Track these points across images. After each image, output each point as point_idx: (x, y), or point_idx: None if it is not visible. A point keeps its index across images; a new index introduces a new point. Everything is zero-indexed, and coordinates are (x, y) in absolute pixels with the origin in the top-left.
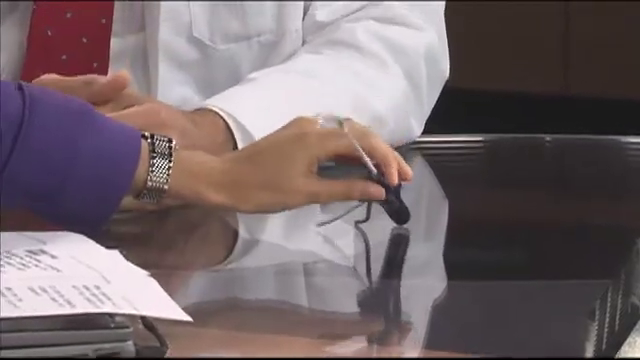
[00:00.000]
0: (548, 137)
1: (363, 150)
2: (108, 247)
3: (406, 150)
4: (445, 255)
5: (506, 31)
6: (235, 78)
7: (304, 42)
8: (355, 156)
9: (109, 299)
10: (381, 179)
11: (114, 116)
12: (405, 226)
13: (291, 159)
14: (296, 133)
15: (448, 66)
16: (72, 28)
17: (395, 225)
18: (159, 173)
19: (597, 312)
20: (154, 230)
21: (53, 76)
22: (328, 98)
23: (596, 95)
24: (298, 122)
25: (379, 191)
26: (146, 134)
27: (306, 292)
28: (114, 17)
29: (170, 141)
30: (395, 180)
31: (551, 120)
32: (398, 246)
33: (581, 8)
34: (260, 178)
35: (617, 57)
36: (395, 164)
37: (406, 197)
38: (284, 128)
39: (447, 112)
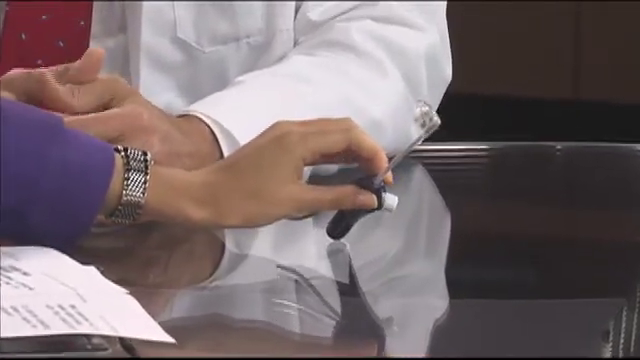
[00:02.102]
0: (558, 145)
1: (350, 144)
2: (84, 263)
3: (405, 159)
4: (447, 272)
5: (514, 33)
6: (223, 82)
7: (296, 43)
8: (342, 153)
9: (86, 319)
10: (372, 182)
11: (90, 118)
12: (405, 242)
13: (274, 164)
14: (276, 135)
15: (450, 68)
16: (48, 31)
17: (393, 241)
18: (134, 187)
19: (611, 332)
20: (134, 245)
21: (20, 71)
22: (322, 103)
23: (608, 100)
24: (278, 124)
25: (371, 199)
26: (119, 147)
27: (297, 312)
28: (93, 18)
29: (145, 154)
30: (384, 167)
31: (561, 126)
32: (397, 263)
33: (592, 11)
34: (243, 188)
35: (629, 61)
36: (384, 155)
37: (405, 210)
38: (263, 133)
39: (450, 118)
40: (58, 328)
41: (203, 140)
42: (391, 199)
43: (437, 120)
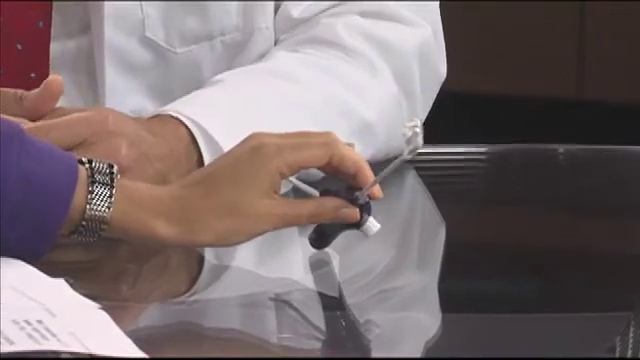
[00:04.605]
0: (561, 148)
1: (332, 159)
2: (53, 276)
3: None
4: (441, 285)
5: (514, 28)
6: (196, 84)
7: (276, 42)
8: (323, 168)
9: (54, 335)
10: (356, 197)
11: (52, 124)
12: (396, 252)
13: (249, 178)
14: (252, 147)
15: (445, 66)
16: (4, 34)
17: (383, 252)
18: (99, 201)
19: (617, 349)
20: (106, 256)
21: None
22: (308, 103)
23: (613, 100)
24: (254, 136)
25: (354, 213)
26: (84, 159)
27: (278, 327)
28: (53, 19)
29: (111, 167)
30: (369, 181)
31: (564, 127)
32: (387, 274)
33: (597, 10)
34: (216, 203)
35: (635, 60)
36: (369, 170)
37: (397, 218)
38: (238, 144)
39: (445, 119)
40: (24, 344)
41: (178, 141)
42: (372, 224)
43: (420, 143)
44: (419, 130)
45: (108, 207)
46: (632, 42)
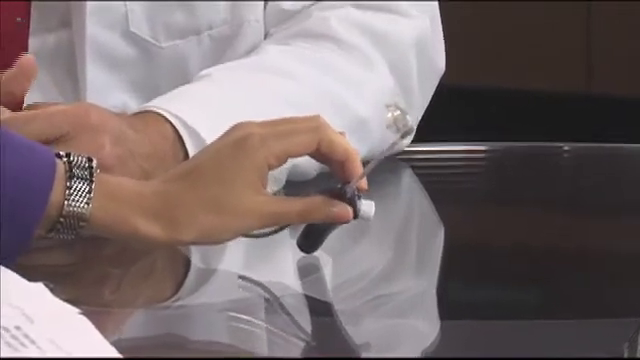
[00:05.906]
0: (566, 146)
1: (320, 145)
2: (32, 280)
3: (393, 162)
4: (439, 290)
5: (516, 20)
6: (183, 81)
7: (267, 36)
8: (312, 155)
9: (33, 342)
10: (344, 190)
11: (31, 114)
12: (391, 255)
13: (234, 171)
14: (236, 138)
15: (443, 59)
16: None
17: (377, 255)
18: (78, 197)
19: (626, 354)
20: (87, 259)
21: None
22: (300, 99)
23: (621, 95)
24: (238, 126)
25: (345, 210)
26: (61, 153)
27: (266, 334)
28: (32, 13)
29: (90, 160)
30: (357, 170)
31: (570, 124)
32: (382, 279)
33: (604, 3)
34: (200, 199)
35: None
36: (358, 158)
37: (392, 219)
38: (222, 135)
39: (444, 115)
40: (2, 352)
41: (163, 139)
42: (367, 206)
43: (411, 125)
44: (401, 114)
45: (87, 203)
46: (638, 37)
